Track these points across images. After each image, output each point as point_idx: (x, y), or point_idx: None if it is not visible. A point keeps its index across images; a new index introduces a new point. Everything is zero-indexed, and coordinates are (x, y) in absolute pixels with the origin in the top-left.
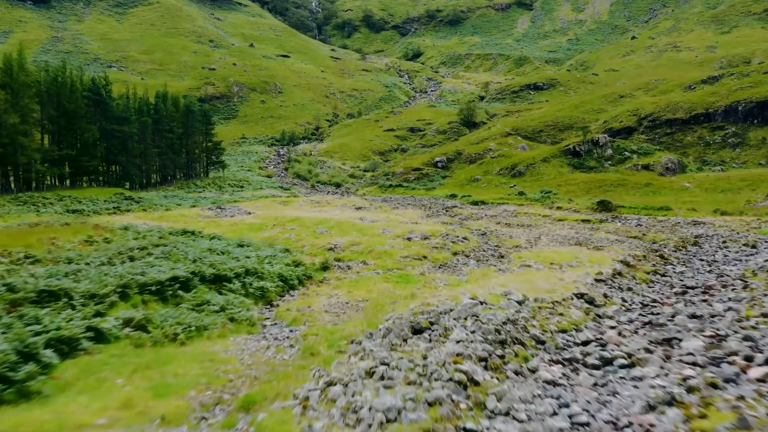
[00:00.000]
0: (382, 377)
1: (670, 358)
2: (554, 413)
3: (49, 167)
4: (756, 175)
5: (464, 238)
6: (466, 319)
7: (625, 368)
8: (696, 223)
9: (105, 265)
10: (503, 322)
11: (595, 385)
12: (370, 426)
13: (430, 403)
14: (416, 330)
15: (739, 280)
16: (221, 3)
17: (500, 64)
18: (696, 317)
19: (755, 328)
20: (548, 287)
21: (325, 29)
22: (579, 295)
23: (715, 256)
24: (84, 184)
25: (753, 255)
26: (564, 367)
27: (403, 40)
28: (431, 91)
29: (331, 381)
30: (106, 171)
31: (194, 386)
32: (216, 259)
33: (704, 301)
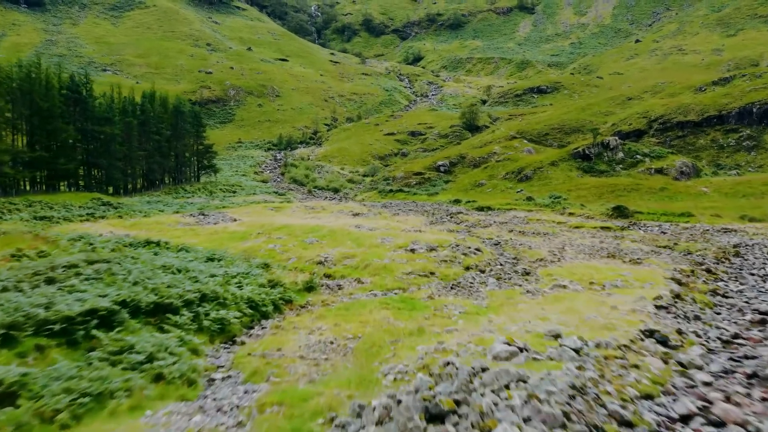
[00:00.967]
0: None
1: None
2: None
3: (21, 170)
4: None
5: (477, 250)
6: (510, 390)
7: None
8: (726, 231)
9: (4, 291)
10: (569, 396)
11: None
12: None
13: None
14: (433, 416)
15: None
16: (219, 7)
17: (502, 68)
18: None
19: None
20: (602, 320)
21: (325, 33)
22: (647, 333)
23: (767, 269)
24: (63, 189)
25: None
26: None
27: (404, 44)
28: (432, 95)
29: None
30: (87, 175)
31: None
32: (165, 281)
33: None
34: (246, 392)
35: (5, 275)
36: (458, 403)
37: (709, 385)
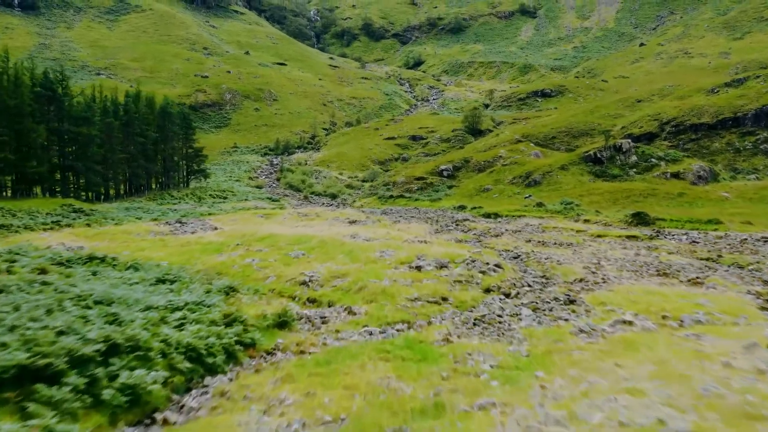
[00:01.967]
0: None
1: None
2: None
3: None
4: None
5: (497, 266)
6: None
7: None
8: None
9: None
10: None
11: None
12: None
13: None
14: None
15: None
16: (217, 11)
17: (504, 72)
18: None
19: None
20: (732, 397)
21: (324, 38)
22: None
23: None
24: (38, 194)
25: None
26: None
27: (404, 49)
28: (433, 100)
29: None
30: (63, 179)
31: None
32: (59, 324)
33: None
34: None
35: None
36: None
37: None
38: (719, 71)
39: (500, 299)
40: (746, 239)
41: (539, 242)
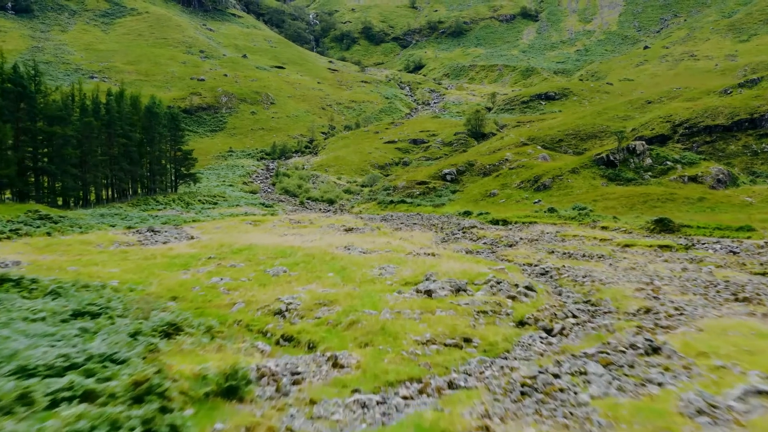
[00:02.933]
0: None
1: None
2: None
3: None
4: None
5: (528, 289)
6: None
7: None
8: None
9: None
10: None
11: None
12: None
13: None
14: None
15: None
16: (214, 14)
17: (506, 76)
18: None
19: None
20: None
21: (323, 41)
22: None
23: None
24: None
25: None
26: None
27: (404, 52)
28: (434, 103)
29: None
30: (37, 182)
31: None
32: None
33: None
34: None
35: None
36: None
37: None
38: (727, 73)
39: (541, 338)
40: None
41: (564, 254)
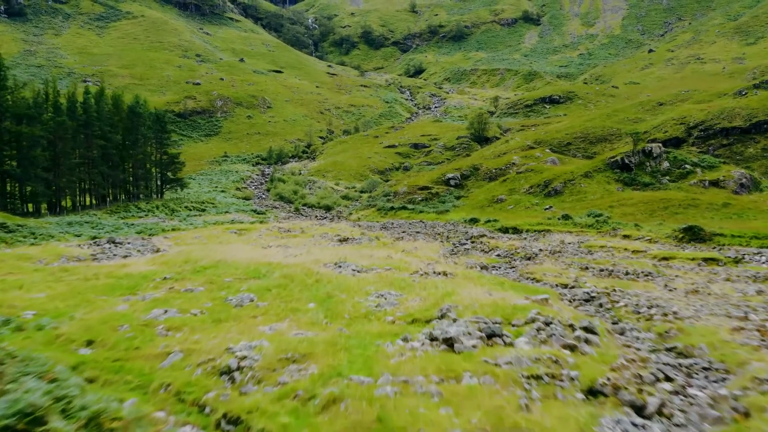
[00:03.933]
0: None
1: None
2: None
3: None
4: None
5: (587, 331)
6: None
7: None
8: None
9: None
10: None
11: None
12: None
13: None
14: None
15: None
16: (211, 18)
17: (508, 80)
18: None
19: None
20: None
21: (322, 46)
22: None
23: None
24: None
25: None
26: None
27: (404, 57)
28: (435, 108)
29: None
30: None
31: None
32: None
33: None
34: None
35: None
36: None
37: None
38: (735, 76)
39: (634, 425)
40: None
41: (602, 270)
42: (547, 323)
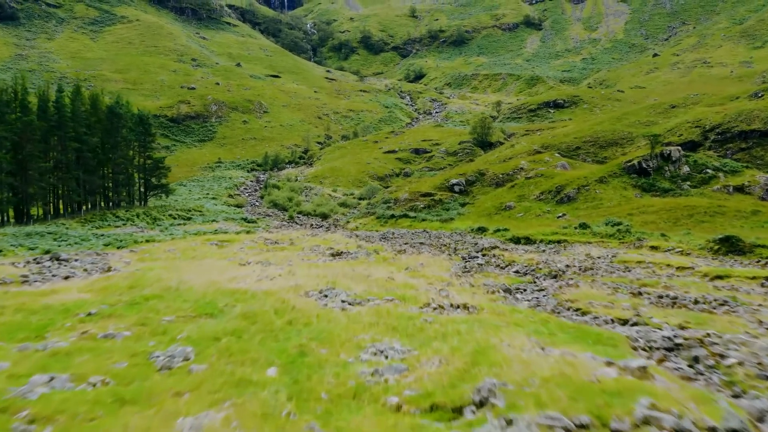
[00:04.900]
0: None
1: None
2: None
3: None
4: None
5: None
6: None
7: None
8: None
9: None
10: None
11: None
12: None
13: None
14: None
15: None
16: (208, 22)
17: (510, 85)
18: None
19: None
20: None
21: (321, 51)
22: None
23: None
24: None
25: None
26: None
27: (404, 62)
28: (436, 113)
29: None
30: None
31: None
32: None
33: None
34: None
35: None
36: None
37: None
38: (744, 80)
39: None
40: None
41: (662, 298)
42: (663, 417)
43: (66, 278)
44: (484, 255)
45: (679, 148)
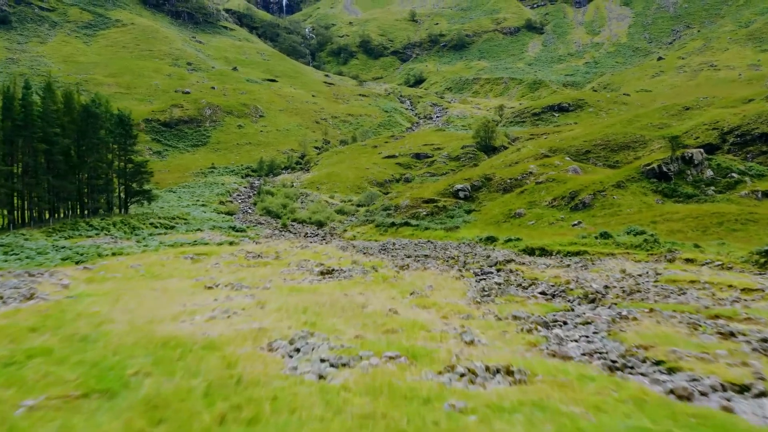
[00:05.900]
0: None
1: None
2: None
3: None
4: None
5: None
6: None
7: None
8: None
9: None
10: None
11: None
12: None
13: None
14: None
15: None
16: (205, 26)
17: (513, 89)
18: None
19: None
20: None
21: (319, 56)
22: None
23: None
24: None
25: None
26: None
27: (404, 66)
28: (437, 117)
29: None
30: None
31: None
32: None
33: None
34: None
35: None
36: None
37: None
38: (754, 83)
39: None
40: None
41: (766, 342)
42: None
43: None
44: (499, 270)
45: (701, 151)
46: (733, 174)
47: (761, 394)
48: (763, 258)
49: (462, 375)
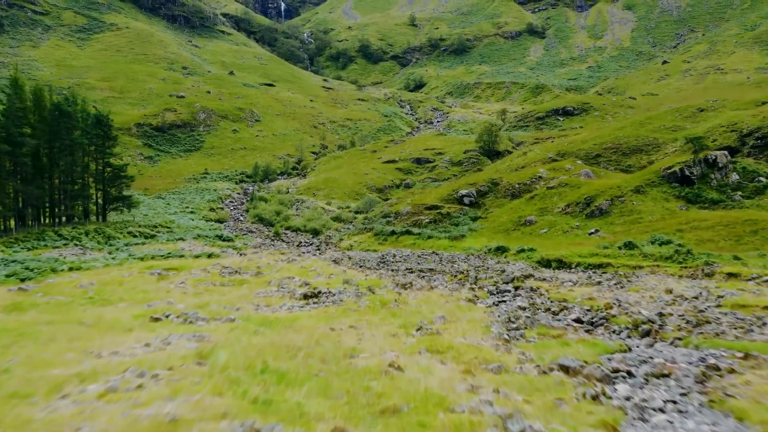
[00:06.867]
0: None
1: None
2: None
3: None
4: None
5: None
6: None
7: None
8: None
9: None
10: None
11: None
12: None
13: None
14: None
15: None
16: (201, 30)
17: (515, 93)
18: None
19: None
20: None
21: (318, 60)
22: None
23: None
24: None
25: None
26: None
27: (404, 71)
28: (438, 122)
29: None
30: None
31: None
32: None
33: None
34: None
35: None
36: None
37: None
38: (762, 86)
39: None
40: None
41: None
42: None
43: None
44: (518, 288)
45: (726, 153)
46: (761, 178)
47: None
48: None
49: None
